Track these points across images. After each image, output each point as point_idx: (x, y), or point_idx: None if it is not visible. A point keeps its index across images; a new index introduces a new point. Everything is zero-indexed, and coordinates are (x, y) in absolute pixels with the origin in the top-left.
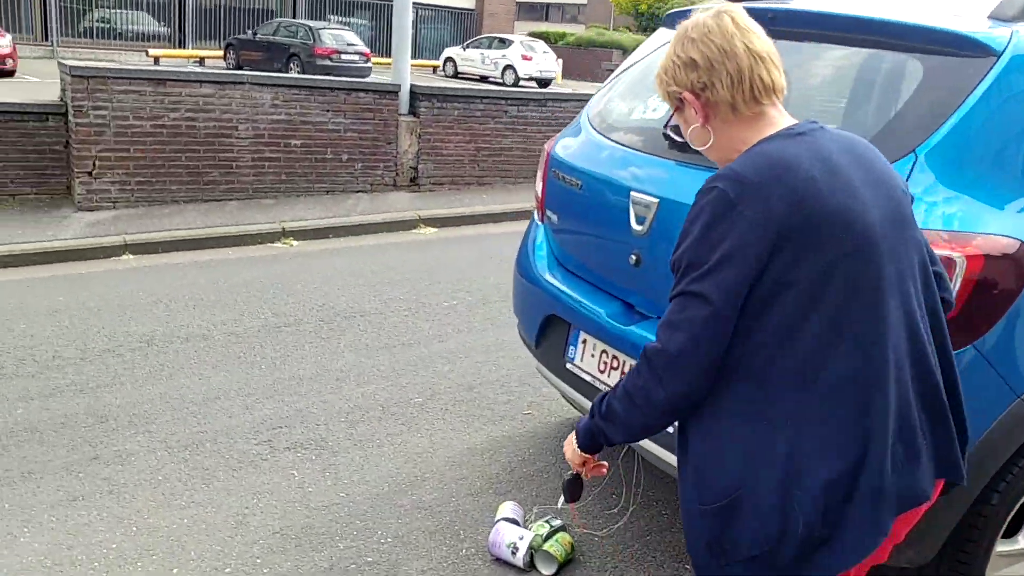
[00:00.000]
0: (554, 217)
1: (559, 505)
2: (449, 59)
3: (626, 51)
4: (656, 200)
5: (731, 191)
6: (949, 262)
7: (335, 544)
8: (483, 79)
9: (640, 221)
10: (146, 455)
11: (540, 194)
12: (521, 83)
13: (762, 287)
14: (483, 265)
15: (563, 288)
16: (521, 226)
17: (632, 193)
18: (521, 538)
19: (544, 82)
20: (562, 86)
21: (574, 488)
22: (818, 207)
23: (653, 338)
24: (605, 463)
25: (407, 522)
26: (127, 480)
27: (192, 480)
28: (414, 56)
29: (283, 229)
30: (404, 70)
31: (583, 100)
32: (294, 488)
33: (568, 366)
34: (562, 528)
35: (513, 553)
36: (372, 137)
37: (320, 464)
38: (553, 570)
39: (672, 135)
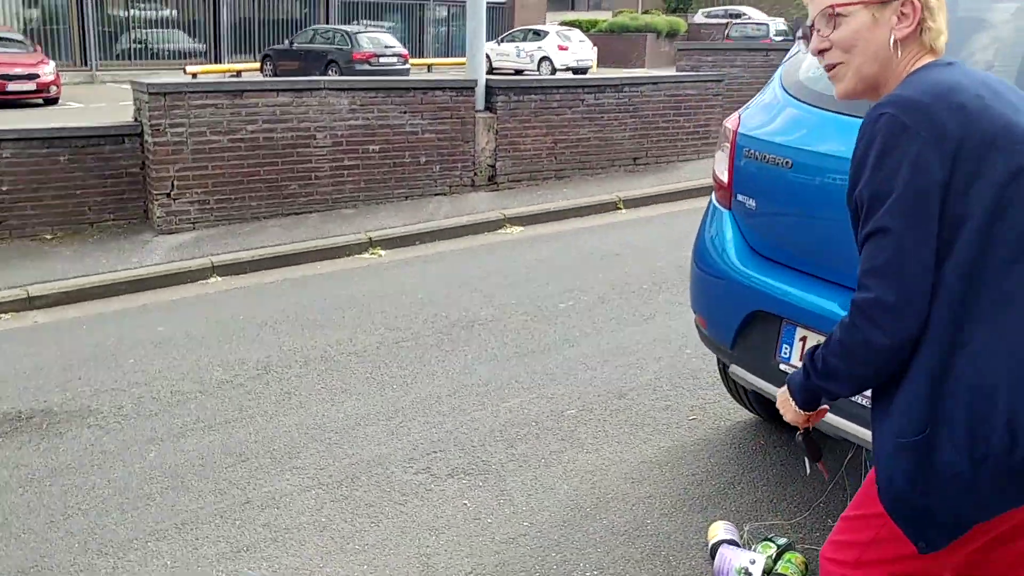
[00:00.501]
0: (751, 202)
1: (807, 471)
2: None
3: (660, 34)
4: None
5: (901, 114)
6: None
7: None
8: (517, 72)
9: None
10: (301, 495)
11: (727, 178)
12: (557, 74)
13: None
14: (586, 262)
15: (771, 281)
16: (606, 219)
17: None
18: (753, 562)
19: (581, 71)
20: (598, 74)
21: (811, 446)
22: (988, 123)
23: None
24: (826, 405)
25: (607, 551)
26: (288, 525)
27: (358, 519)
28: (447, 54)
29: (370, 239)
30: (479, 65)
31: (659, 82)
32: (470, 520)
33: (782, 367)
34: (789, 547)
35: None
36: (450, 137)
37: (490, 491)
38: None
39: None
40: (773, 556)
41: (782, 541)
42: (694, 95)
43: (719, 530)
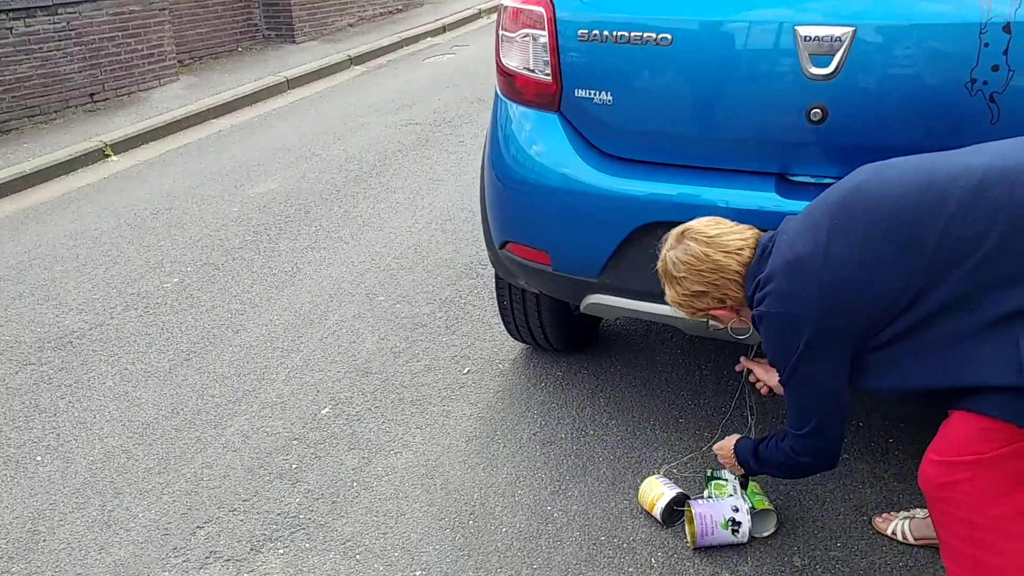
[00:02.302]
0: (603, 96)
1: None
2: None
3: None
4: (851, 28)
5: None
6: None
7: None
8: None
9: (822, 63)
10: None
11: (551, 74)
12: None
13: None
14: (105, 239)
15: (657, 185)
16: (99, 173)
17: (799, 28)
18: (737, 509)
19: None
20: None
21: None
22: None
23: None
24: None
25: (511, 551)
26: None
27: None
28: None
29: None
30: None
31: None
32: None
33: None
34: (744, 476)
35: (736, 531)
36: None
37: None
38: (774, 526)
39: None
40: (736, 492)
41: (725, 472)
42: (139, 11)
43: (660, 488)
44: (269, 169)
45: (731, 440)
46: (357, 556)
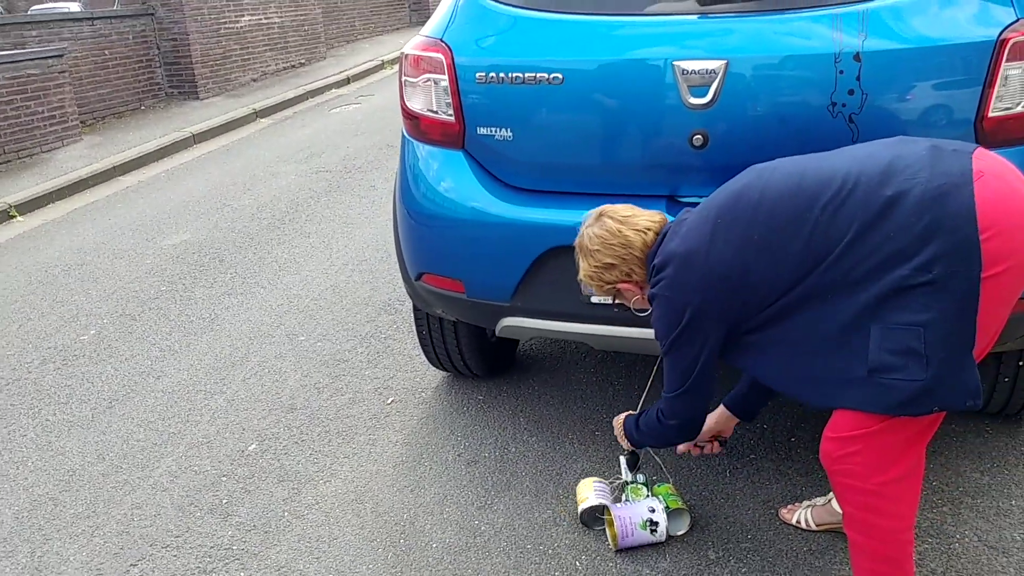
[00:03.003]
0: (503, 133)
1: (625, 475)
2: None
3: None
4: (723, 61)
5: None
6: None
7: None
8: None
9: (699, 92)
10: None
11: (454, 115)
12: None
13: None
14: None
15: (558, 212)
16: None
17: (677, 63)
18: (653, 510)
19: None
20: None
21: (633, 460)
22: None
23: None
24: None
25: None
26: None
27: None
28: None
29: None
30: None
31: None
32: None
33: (594, 299)
34: (650, 480)
35: (653, 531)
36: None
37: None
38: (688, 524)
39: None
40: (651, 494)
41: (641, 478)
42: (37, 75)
43: (588, 492)
44: (180, 221)
45: (623, 416)
46: None
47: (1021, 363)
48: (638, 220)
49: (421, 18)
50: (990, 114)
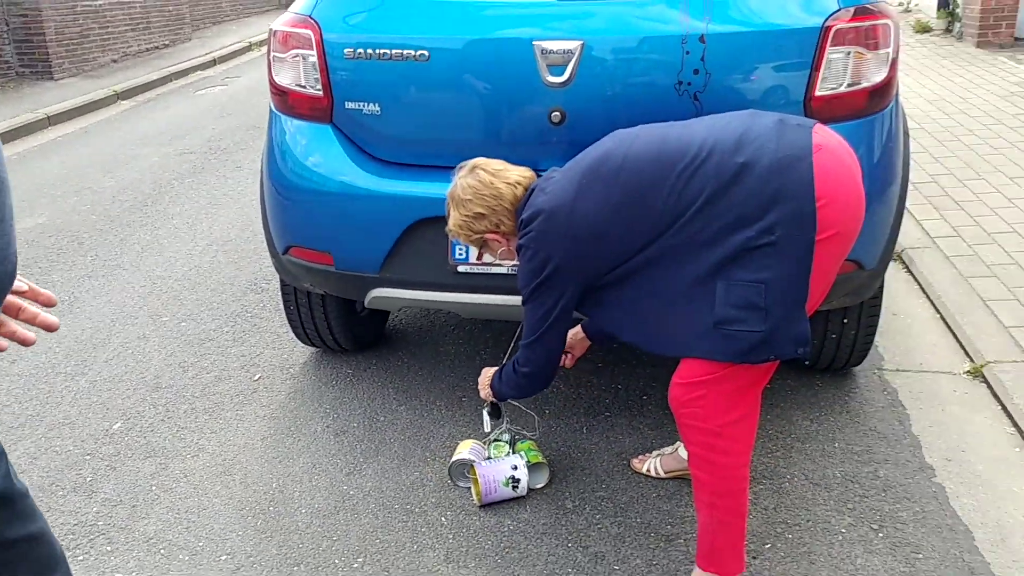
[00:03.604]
0: (371, 108)
1: (487, 428)
2: None
3: None
4: (580, 42)
5: None
6: None
7: None
8: None
9: (557, 71)
10: None
11: (322, 89)
12: None
13: None
14: None
15: (426, 185)
16: None
17: (536, 43)
18: (515, 467)
19: None
20: None
21: (495, 411)
22: None
23: None
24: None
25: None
26: None
27: None
28: None
29: None
30: None
31: None
32: None
33: (460, 269)
34: (514, 438)
35: (515, 487)
36: None
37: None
38: (548, 477)
39: None
40: (514, 451)
41: (506, 437)
42: None
43: (466, 450)
44: (35, 205)
45: (487, 370)
46: (161, 551)
47: (845, 320)
48: (509, 174)
49: None
50: (817, 93)
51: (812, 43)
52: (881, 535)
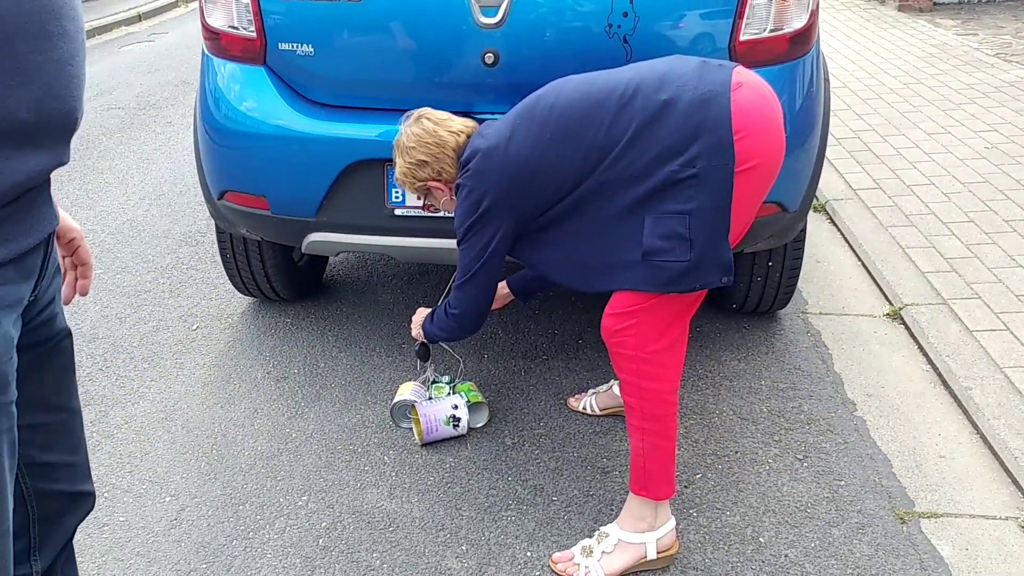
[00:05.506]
0: (305, 49)
1: (419, 368)
2: None
3: None
4: None
5: None
6: None
7: None
8: None
9: (490, 13)
10: None
11: (255, 31)
12: None
13: None
14: None
15: (362, 127)
16: None
17: None
18: (456, 407)
19: None
20: None
21: (425, 352)
22: None
23: None
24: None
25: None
26: None
27: None
28: None
29: None
30: None
31: None
32: None
33: (398, 212)
34: (453, 380)
35: (456, 425)
36: None
37: None
38: (487, 416)
39: None
40: (454, 391)
41: (445, 378)
42: None
43: (407, 391)
44: None
45: (420, 311)
46: (105, 494)
47: (770, 263)
48: (452, 123)
49: None
50: (741, 38)
51: None
52: (806, 464)
